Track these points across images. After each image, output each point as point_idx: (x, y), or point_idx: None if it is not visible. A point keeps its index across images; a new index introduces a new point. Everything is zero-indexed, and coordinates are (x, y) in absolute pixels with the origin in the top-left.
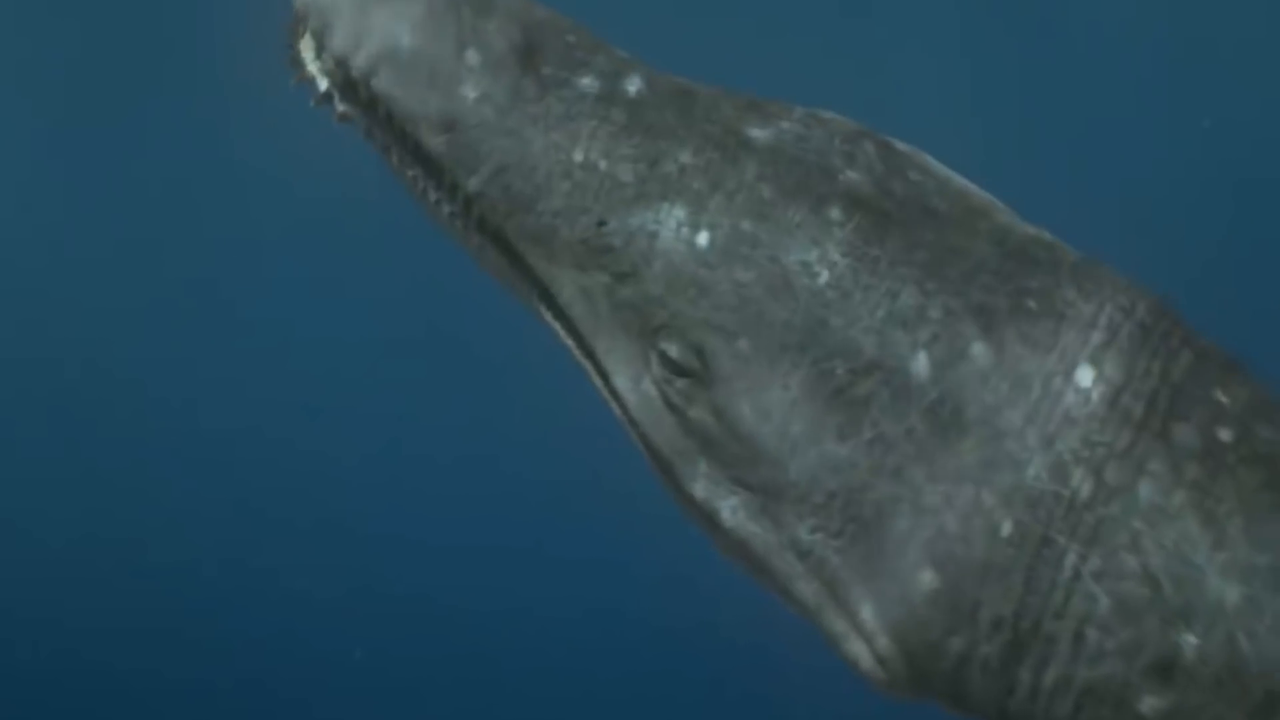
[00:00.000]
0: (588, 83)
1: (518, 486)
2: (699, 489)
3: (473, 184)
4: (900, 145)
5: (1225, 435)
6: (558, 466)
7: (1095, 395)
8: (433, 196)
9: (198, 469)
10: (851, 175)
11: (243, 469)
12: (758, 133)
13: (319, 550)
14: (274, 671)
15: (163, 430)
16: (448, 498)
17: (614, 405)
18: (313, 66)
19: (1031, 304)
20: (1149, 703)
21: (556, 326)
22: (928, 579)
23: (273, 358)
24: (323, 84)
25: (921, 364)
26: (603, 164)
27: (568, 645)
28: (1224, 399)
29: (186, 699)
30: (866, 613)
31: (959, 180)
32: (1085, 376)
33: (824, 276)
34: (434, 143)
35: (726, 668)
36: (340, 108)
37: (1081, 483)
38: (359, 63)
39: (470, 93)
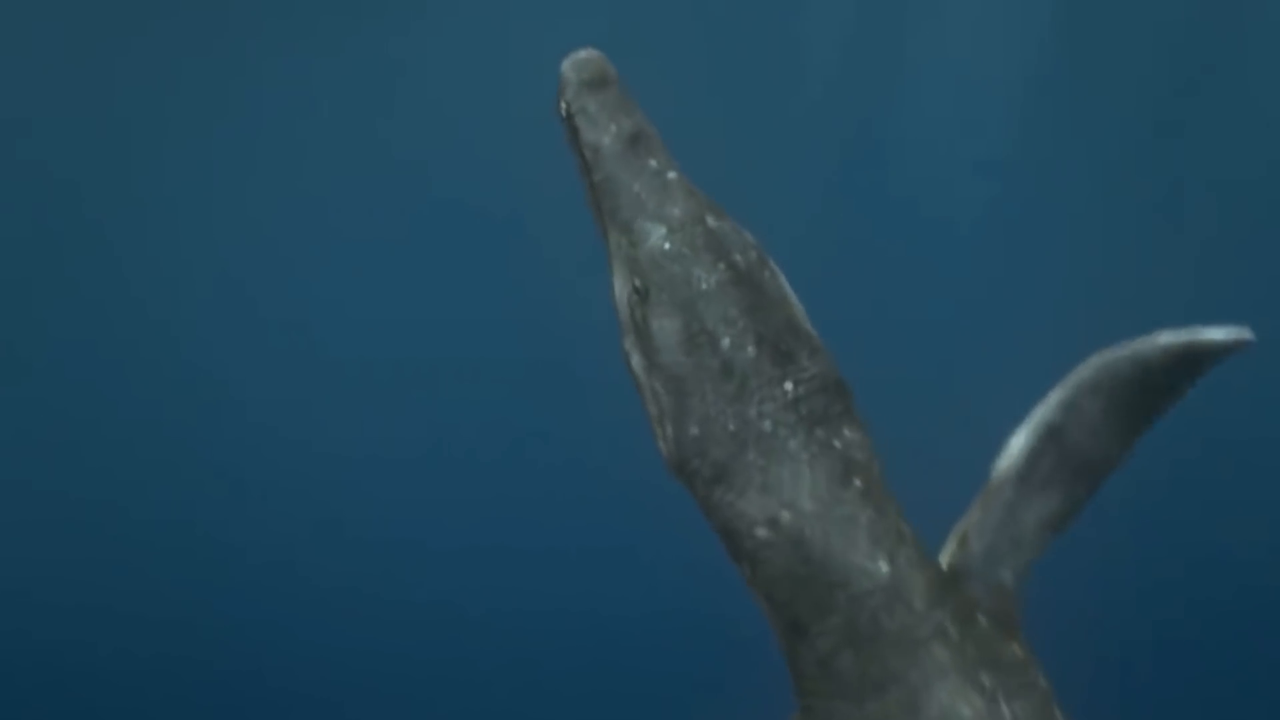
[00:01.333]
0: (653, 163)
1: (524, 487)
2: (627, 347)
3: (595, 178)
4: (771, 260)
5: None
6: (564, 467)
7: (790, 390)
8: (585, 181)
9: (205, 466)
10: (738, 257)
11: (254, 468)
12: (711, 220)
13: (332, 550)
14: (295, 672)
15: (175, 429)
16: (457, 499)
17: (612, 299)
18: (561, 105)
19: (784, 347)
20: (761, 532)
21: (609, 260)
22: (694, 430)
23: (288, 357)
24: (563, 113)
25: (726, 342)
26: (643, 196)
27: (573, 646)
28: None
29: (203, 695)
30: (669, 432)
31: (788, 287)
32: (789, 384)
33: (703, 287)
34: (589, 157)
35: (726, 669)
36: (565, 128)
37: (762, 420)
38: (573, 110)
39: (608, 141)
